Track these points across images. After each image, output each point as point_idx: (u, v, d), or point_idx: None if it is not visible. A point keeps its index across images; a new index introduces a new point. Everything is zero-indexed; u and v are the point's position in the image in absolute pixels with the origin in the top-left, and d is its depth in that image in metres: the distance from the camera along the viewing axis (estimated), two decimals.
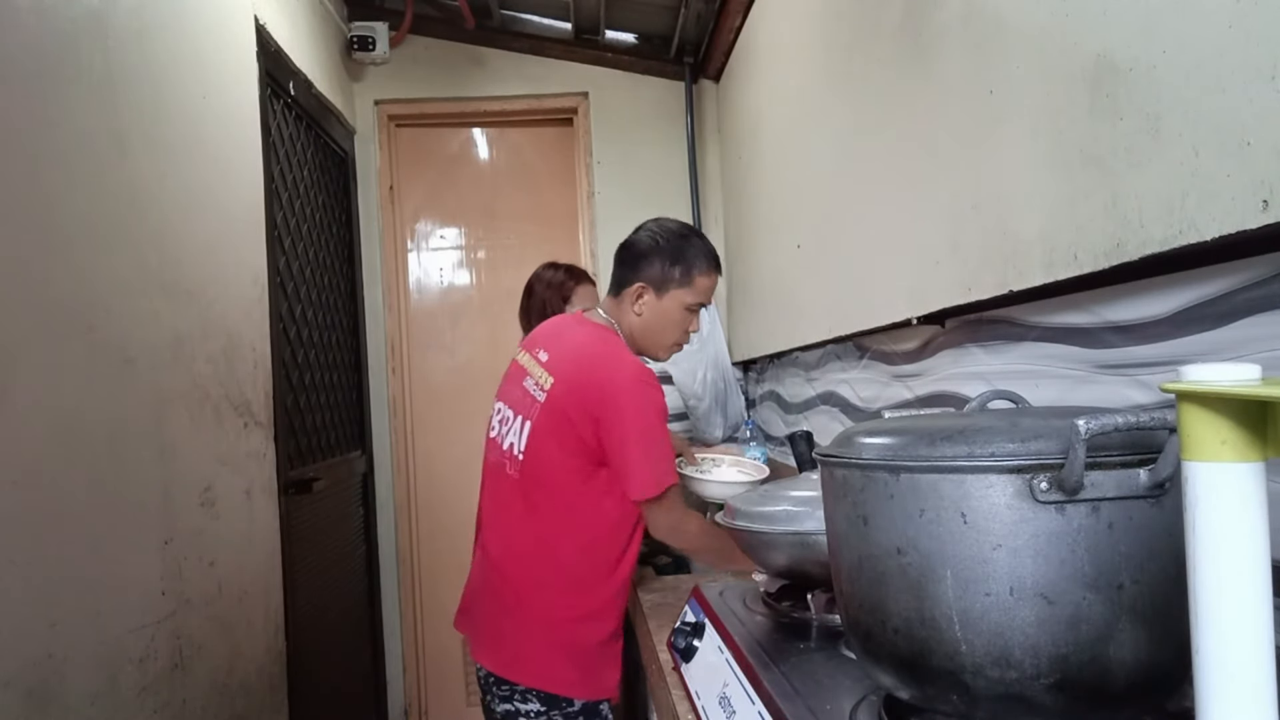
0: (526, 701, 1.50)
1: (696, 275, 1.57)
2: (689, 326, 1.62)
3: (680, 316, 1.59)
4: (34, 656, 1.17)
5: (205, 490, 1.70)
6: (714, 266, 1.60)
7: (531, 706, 1.50)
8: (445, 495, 3.24)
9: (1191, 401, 0.46)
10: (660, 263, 1.57)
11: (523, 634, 1.51)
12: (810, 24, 1.91)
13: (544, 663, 1.49)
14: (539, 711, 1.50)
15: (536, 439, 1.51)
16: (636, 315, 1.59)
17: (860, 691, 0.83)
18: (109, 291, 1.41)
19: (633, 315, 1.59)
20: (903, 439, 0.68)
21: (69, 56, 1.34)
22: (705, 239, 1.63)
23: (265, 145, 2.14)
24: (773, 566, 1.21)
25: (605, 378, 1.47)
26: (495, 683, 1.54)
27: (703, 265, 1.58)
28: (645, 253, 1.58)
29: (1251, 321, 0.77)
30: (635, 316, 1.59)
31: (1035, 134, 0.97)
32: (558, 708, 1.49)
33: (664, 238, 1.58)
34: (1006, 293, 1.06)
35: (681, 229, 1.62)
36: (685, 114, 3.10)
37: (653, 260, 1.57)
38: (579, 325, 1.62)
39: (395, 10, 3.05)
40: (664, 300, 1.58)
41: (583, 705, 1.51)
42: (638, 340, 1.61)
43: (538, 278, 2.29)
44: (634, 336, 1.60)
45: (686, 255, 1.57)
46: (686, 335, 1.63)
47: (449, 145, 3.31)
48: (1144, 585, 0.60)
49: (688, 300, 1.58)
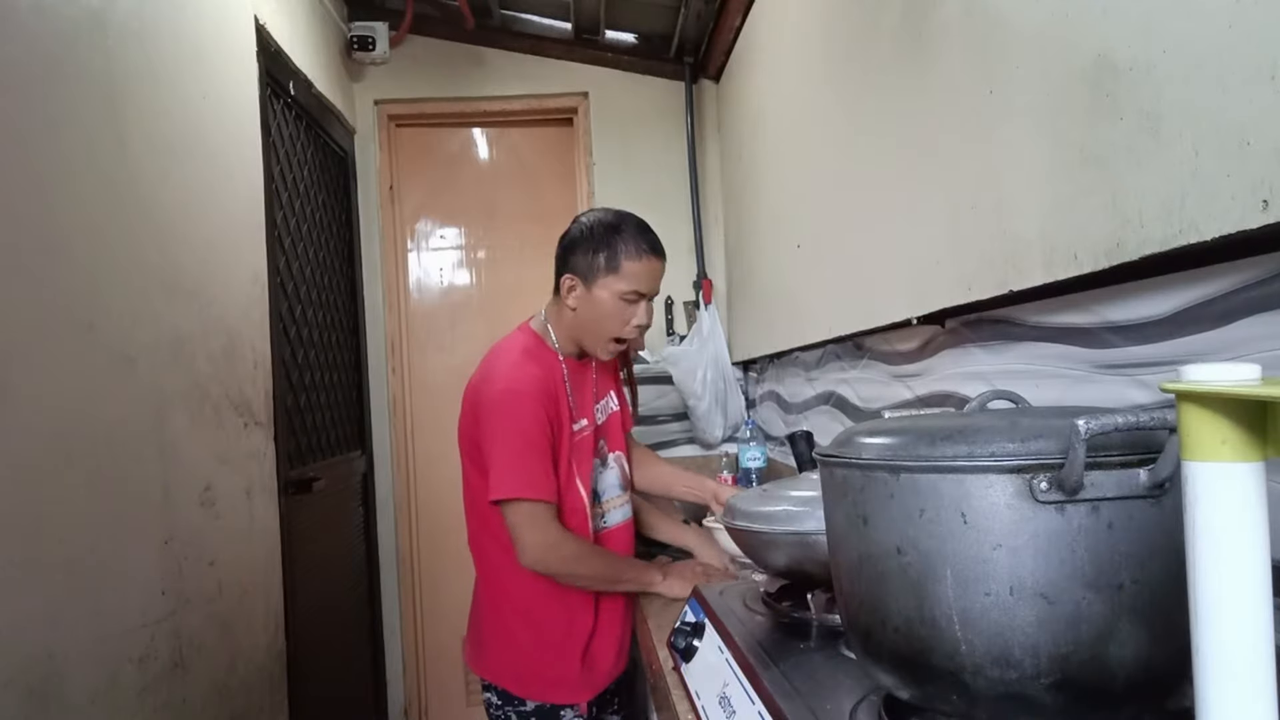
0: (487, 691, 1.59)
1: (624, 260, 1.49)
2: (628, 318, 1.51)
3: (614, 307, 1.50)
4: (34, 656, 1.17)
5: (205, 490, 1.70)
6: (648, 250, 1.51)
7: (491, 697, 1.58)
8: (445, 495, 3.24)
9: (1191, 401, 0.46)
10: (586, 252, 1.50)
11: (482, 628, 1.60)
12: (810, 23, 1.91)
13: (498, 659, 1.56)
14: (497, 704, 1.57)
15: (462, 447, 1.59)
16: (571, 310, 1.53)
17: (860, 691, 0.83)
18: (109, 291, 1.41)
19: (567, 310, 1.54)
20: (903, 439, 0.68)
21: (69, 56, 1.34)
22: (640, 224, 1.54)
23: (265, 145, 2.14)
24: (773, 566, 1.21)
25: (479, 389, 1.51)
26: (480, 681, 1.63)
27: (632, 250, 1.49)
28: (572, 244, 1.53)
29: (1251, 321, 0.77)
30: (570, 311, 1.53)
31: (1035, 134, 0.97)
32: (511, 704, 1.55)
33: (591, 227, 1.52)
34: (1006, 293, 1.06)
35: (613, 216, 1.54)
36: (685, 114, 3.10)
37: (578, 250, 1.51)
38: (508, 335, 1.63)
39: (395, 10, 3.05)
40: (594, 290, 1.50)
41: (535, 708, 1.54)
42: (577, 337, 1.56)
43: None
44: (571, 334, 1.56)
45: (613, 242, 1.49)
46: (630, 328, 1.52)
47: (449, 145, 3.31)
48: (1144, 585, 0.60)
49: (619, 288, 1.49)
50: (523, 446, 1.44)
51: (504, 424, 1.44)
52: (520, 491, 1.42)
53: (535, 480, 1.44)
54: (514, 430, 1.44)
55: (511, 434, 1.44)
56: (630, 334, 1.54)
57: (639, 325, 1.53)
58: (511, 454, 1.43)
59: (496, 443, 1.45)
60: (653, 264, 1.52)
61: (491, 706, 1.58)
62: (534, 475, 1.44)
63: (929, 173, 1.27)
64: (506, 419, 1.44)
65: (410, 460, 3.22)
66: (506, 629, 1.55)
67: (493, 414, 1.46)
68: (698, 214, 3.13)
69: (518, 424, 1.44)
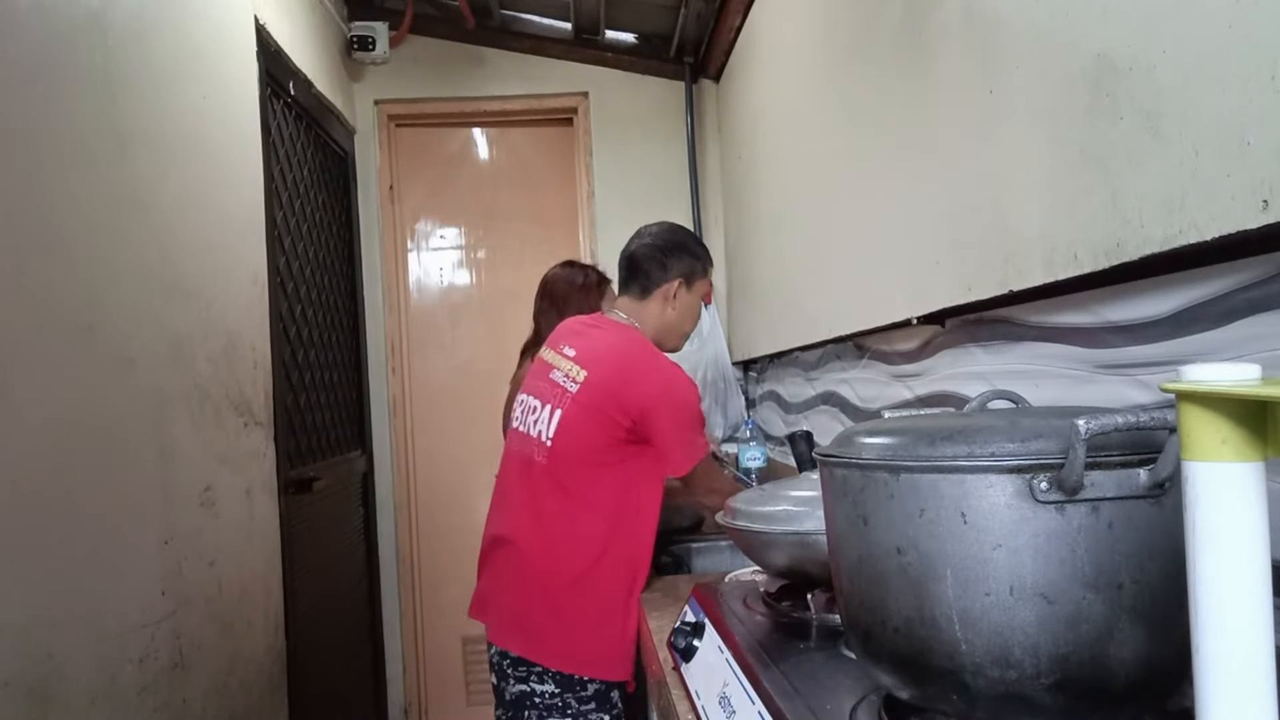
0: (543, 683, 1.55)
1: (709, 265, 1.74)
2: (699, 315, 1.77)
3: (698, 306, 1.74)
4: (34, 656, 1.17)
5: (205, 490, 1.70)
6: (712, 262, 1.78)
7: (547, 688, 1.55)
8: (445, 495, 3.24)
9: (1191, 401, 0.46)
10: (688, 258, 1.69)
11: (548, 615, 1.56)
12: (810, 23, 1.91)
13: (566, 644, 1.55)
14: (554, 693, 1.55)
15: (568, 425, 1.56)
16: (672, 311, 1.69)
17: (860, 691, 0.83)
18: (109, 291, 1.41)
19: (666, 311, 1.69)
20: (903, 439, 0.68)
21: (69, 56, 1.34)
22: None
23: (265, 145, 2.14)
24: (773, 566, 1.21)
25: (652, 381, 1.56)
26: (512, 664, 1.58)
27: (709, 260, 1.75)
28: (674, 250, 1.69)
29: (1251, 321, 0.77)
30: (670, 313, 1.69)
31: (1035, 133, 0.97)
32: (572, 690, 1.54)
33: (686, 239, 1.72)
34: (1006, 292, 1.06)
35: (688, 230, 1.77)
36: (685, 114, 3.10)
37: (682, 256, 1.69)
38: (603, 325, 1.70)
39: (395, 10, 3.05)
40: (692, 293, 1.71)
41: (595, 691, 1.55)
42: (660, 335, 1.70)
43: (566, 280, 2.22)
44: (659, 333, 1.69)
45: (703, 250, 1.74)
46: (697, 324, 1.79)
47: (449, 145, 3.31)
48: (1144, 585, 0.60)
49: (704, 289, 1.73)
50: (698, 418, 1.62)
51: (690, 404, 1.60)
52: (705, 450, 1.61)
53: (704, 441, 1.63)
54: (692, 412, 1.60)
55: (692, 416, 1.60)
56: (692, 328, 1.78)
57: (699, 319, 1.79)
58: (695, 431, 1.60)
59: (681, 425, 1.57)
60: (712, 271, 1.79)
61: (545, 697, 1.56)
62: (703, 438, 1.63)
63: (929, 172, 1.27)
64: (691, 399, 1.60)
65: (410, 460, 3.22)
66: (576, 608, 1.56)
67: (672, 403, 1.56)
68: (698, 214, 3.12)
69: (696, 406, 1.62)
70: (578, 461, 1.56)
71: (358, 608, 2.91)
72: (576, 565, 1.55)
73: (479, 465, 3.03)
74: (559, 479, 1.56)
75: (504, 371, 2.26)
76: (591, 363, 1.59)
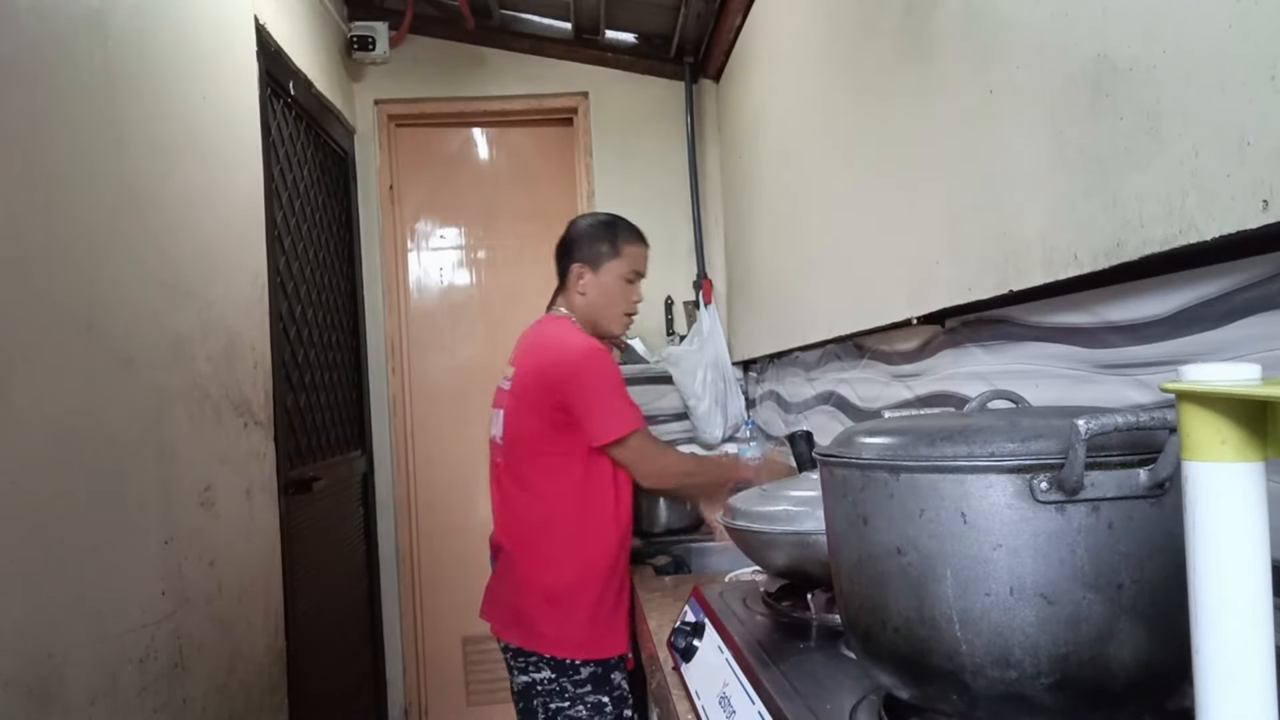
0: (540, 670, 1.64)
1: (623, 245, 1.77)
2: (631, 295, 1.79)
3: (619, 287, 1.77)
4: (34, 656, 1.17)
5: (205, 490, 1.70)
6: (640, 239, 1.81)
7: (544, 675, 1.64)
8: (445, 495, 3.24)
9: (1191, 401, 0.46)
10: (589, 243, 1.77)
11: (533, 605, 1.65)
12: (810, 23, 1.91)
13: (553, 630, 1.63)
14: (550, 679, 1.63)
15: (510, 420, 1.70)
16: (581, 295, 1.77)
17: (860, 691, 0.83)
18: (109, 291, 1.41)
19: (578, 296, 1.77)
20: (903, 439, 0.68)
21: (69, 56, 1.34)
22: (628, 220, 1.85)
23: (265, 145, 2.14)
24: (773, 566, 1.21)
25: (560, 355, 1.66)
26: (514, 656, 1.68)
27: (628, 236, 1.79)
28: (576, 238, 1.79)
29: (1251, 321, 0.77)
30: (580, 297, 1.77)
31: (1035, 134, 0.97)
32: (566, 675, 1.62)
33: (591, 224, 1.81)
34: (1006, 292, 1.06)
35: (606, 215, 1.85)
36: (685, 114, 3.10)
37: (582, 243, 1.78)
38: (538, 322, 1.82)
39: (395, 10, 3.05)
40: (601, 275, 1.76)
41: (590, 673, 1.62)
42: (592, 319, 1.78)
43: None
44: (587, 317, 1.78)
45: (611, 231, 1.78)
46: (633, 305, 1.81)
47: (449, 145, 3.31)
48: (1144, 585, 0.60)
49: (621, 270, 1.77)
50: (620, 386, 1.66)
51: (601, 375, 1.65)
52: (633, 424, 1.64)
53: (636, 411, 1.67)
54: (611, 376, 1.66)
55: (611, 380, 1.65)
56: (635, 309, 1.81)
57: (639, 300, 1.82)
58: (615, 396, 1.65)
59: (603, 393, 1.63)
60: (644, 249, 1.83)
61: (544, 684, 1.64)
62: (634, 407, 1.67)
63: (929, 172, 1.27)
64: (602, 371, 1.65)
65: (410, 460, 3.22)
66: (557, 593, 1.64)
67: (585, 371, 1.63)
68: (698, 214, 3.12)
69: (610, 370, 1.66)
70: (529, 454, 1.68)
71: (358, 608, 2.91)
72: (549, 553, 1.66)
73: (479, 465, 3.00)
74: (516, 474, 1.69)
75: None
76: (519, 358, 1.75)
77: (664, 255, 3.14)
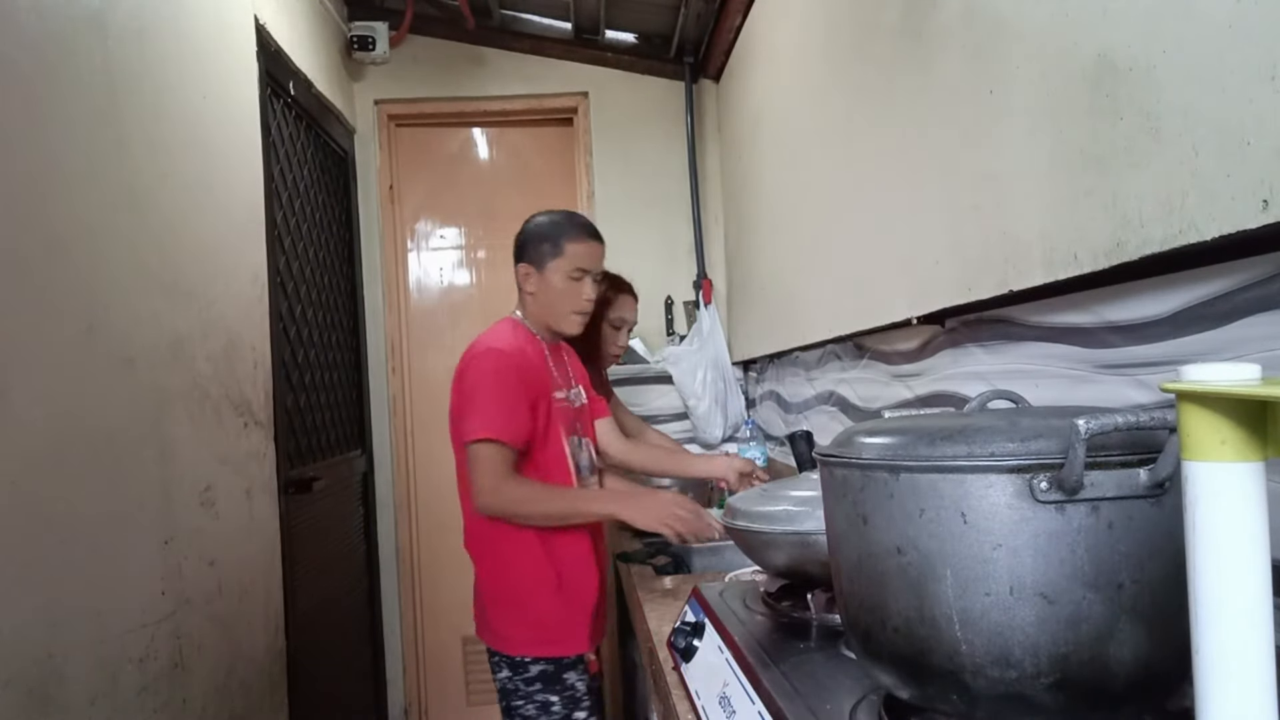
0: (500, 669, 1.67)
1: (566, 243, 1.71)
2: (579, 292, 1.73)
3: (565, 285, 1.72)
4: (34, 656, 1.17)
5: (205, 490, 1.70)
6: (585, 234, 1.73)
7: (504, 674, 1.67)
8: (445, 495, 3.22)
9: (1191, 401, 0.46)
10: (534, 243, 1.73)
11: (490, 604, 1.70)
12: (810, 23, 1.91)
13: (504, 628, 1.66)
14: (508, 677, 1.66)
15: (450, 426, 1.71)
16: (531, 295, 1.75)
17: (860, 691, 0.83)
18: (109, 291, 1.41)
19: (528, 297, 1.76)
20: (903, 439, 0.68)
21: (69, 56, 1.34)
22: (578, 216, 1.79)
23: (265, 145, 2.14)
24: (773, 566, 1.21)
25: (463, 356, 1.68)
26: (488, 655, 1.71)
27: (572, 234, 1.72)
28: (523, 240, 1.76)
29: (1251, 321, 0.77)
30: (530, 297, 1.75)
31: (1035, 134, 0.97)
32: (518, 672, 1.65)
33: (535, 224, 1.76)
34: (1006, 292, 1.06)
35: (555, 213, 1.78)
36: (685, 114, 3.10)
37: (528, 244, 1.75)
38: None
39: (395, 10, 3.05)
40: (545, 274, 1.72)
41: (540, 671, 1.64)
42: (543, 320, 1.77)
43: None
44: (538, 318, 1.77)
45: (554, 230, 1.73)
46: (583, 303, 1.74)
47: (449, 145, 3.30)
48: (1144, 585, 0.60)
49: (565, 268, 1.71)
50: (496, 392, 1.59)
51: (479, 376, 1.61)
52: (483, 431, 1.56)
53: (502, 423, 1.58)
54: (488, 378, 1.60)
55: (484, 382, 1.60)
56: (585, 306, 1.74)
57: (588, 299, 1.74)
58: (483, 399, 1.58)
59: (472, 394, 1.60)
60: (592, 245, 1.74)
61: (504, 682, 1.66)
62: (502, 418, 1.58)
63: (929, 172, 1.27)
64: (482, 372, 1.61)
65: (410, 460, 3.22)
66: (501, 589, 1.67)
67: (469, 370, 1.63)
68: (698, 214, 3.12)
69: (494, 373, 1.60)
70: (459, 456, 1.69)
71: (358, 608, 2.91)
72: (492, 551, 1.69)
73: None
74: (461, 476, 1.71)
75: None
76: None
77: (664, 255, 3.14)
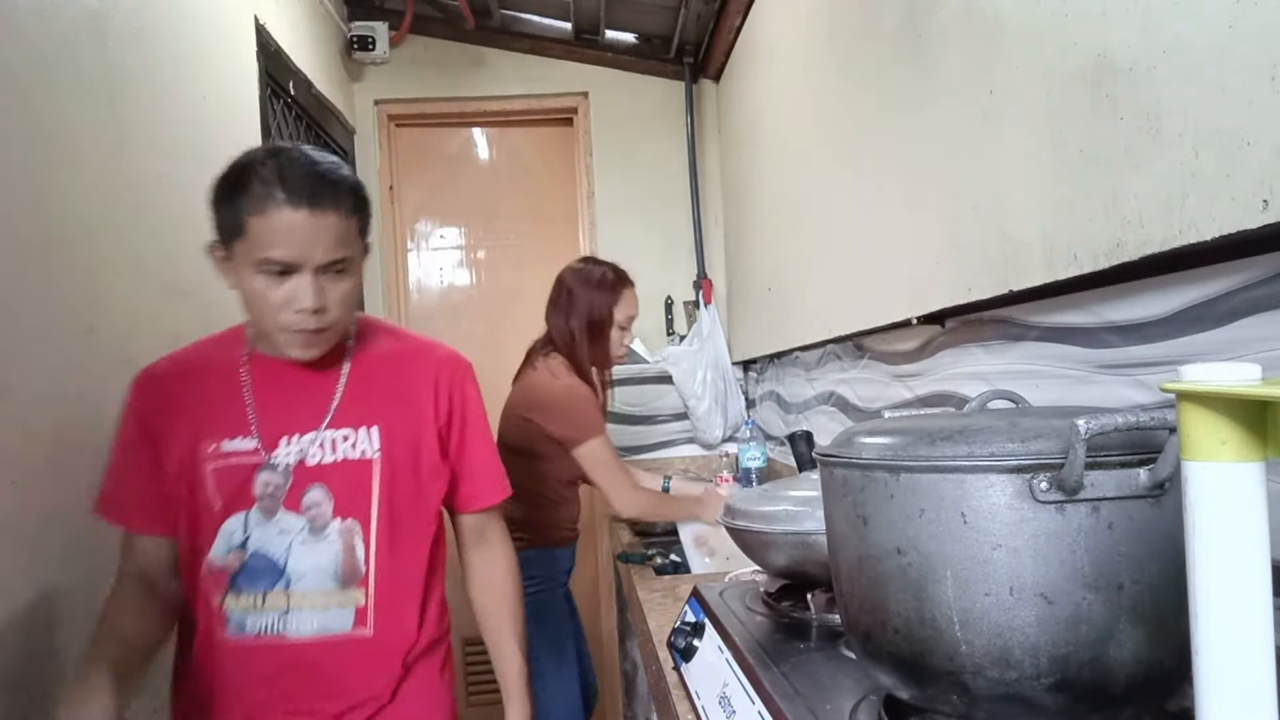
0: None
1: (246, 216, 1.02)
2: (278, 299, 1.06)
3: (254, 283, 1.05)
4: (34, 656, 1.17)
5: None
6: (282, 198, 1.00)
7: None
8: None
9: (1191, 401, 0.46)
10: (217, 208, 1.07)
11: None
12: (810, 24, 1.91)
13: None
14: None
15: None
16: (232, 288, 1.11)
17: (860, 691, 0.83)
18: (109, 292, 1.41)
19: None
20: (903, 439, 0.68)
21: (69, 57, 1.34)
22: (284, 160, 1.04)
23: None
24: (773, 566, 1.21)
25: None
26: None
27: (257, 199, 1.01)
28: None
29: (1251, 321, 0.77)
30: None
31: (1035, 134, 0.97)
32: None
33: (224, 171, 1.08)
34: (1006, 293, 1.06)
35: (252, 153, 1.08)
36: (685, 114, 3.10)
37: (214, 206, 1.08)
38: None
39: (395, 10, 3.05)
40: (235, 261, 1.07)
41: None
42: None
43: (574, 275, 2.09)
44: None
45: (235, 192, 1.03)
46: (289, 314, 1.06)
47: (449, 145, 3.31)
48: (1144, 585, 0.60)
49: (255, 255, 1.03)
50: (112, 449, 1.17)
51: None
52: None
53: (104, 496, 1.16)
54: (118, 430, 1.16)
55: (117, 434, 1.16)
56: (291, 321, 1.06)
57: (300, 310, 1.05)
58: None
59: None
60: (288, 217, 1.00)
61: None
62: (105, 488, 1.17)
63: (929, 173, 1.27)
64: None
65: None
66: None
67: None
68: (698, 214, 3.12)
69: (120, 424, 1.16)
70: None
71: None
72: None
73: None
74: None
75: (504, 372, 2.26)
76: None
77: (664, 255, 3.15)
